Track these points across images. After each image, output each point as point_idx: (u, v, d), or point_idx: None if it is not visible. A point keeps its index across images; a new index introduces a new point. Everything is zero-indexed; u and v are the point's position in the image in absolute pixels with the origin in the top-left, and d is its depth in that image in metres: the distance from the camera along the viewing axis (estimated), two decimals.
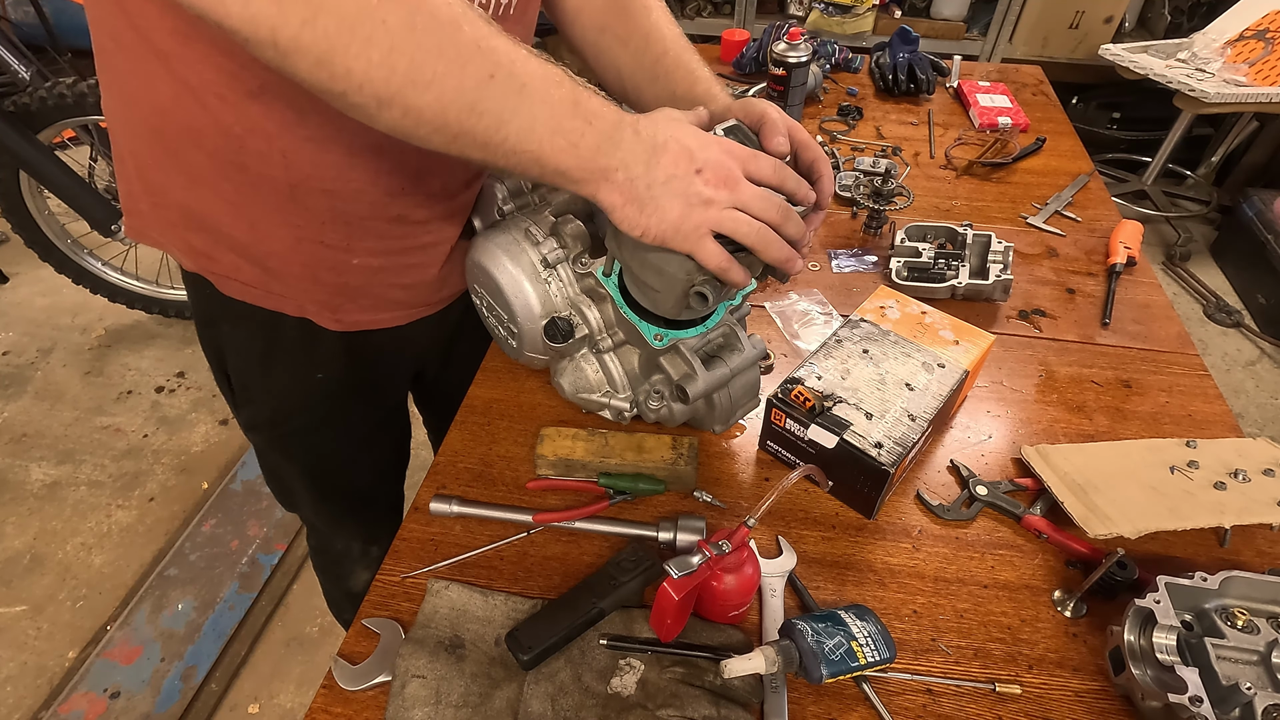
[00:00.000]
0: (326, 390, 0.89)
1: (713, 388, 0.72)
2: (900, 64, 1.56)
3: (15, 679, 1.59)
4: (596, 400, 0.79)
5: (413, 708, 0.59)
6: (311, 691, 1.09)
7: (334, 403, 0.91)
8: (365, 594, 0.69)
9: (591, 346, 0.78)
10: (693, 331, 0.73)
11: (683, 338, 0.72)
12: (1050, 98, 1.60)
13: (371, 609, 0.68)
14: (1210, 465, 0.77)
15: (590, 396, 0.79)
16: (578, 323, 0.76)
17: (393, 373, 0.97)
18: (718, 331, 0.75)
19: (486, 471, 0.80)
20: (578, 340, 0.76)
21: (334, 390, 0.89)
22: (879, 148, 1.39)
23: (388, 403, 1.01)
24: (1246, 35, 2.50)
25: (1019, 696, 0.63)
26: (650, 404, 0.75)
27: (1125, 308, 1.04)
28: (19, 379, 2.27)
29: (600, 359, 0.78)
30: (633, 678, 0.62)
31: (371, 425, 1.00)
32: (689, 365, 0.71)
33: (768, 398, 0.77)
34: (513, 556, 0.73)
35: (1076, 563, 0.73)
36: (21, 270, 2.62)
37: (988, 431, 0.86)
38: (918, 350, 0.81)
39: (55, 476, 2.00)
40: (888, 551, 0.73)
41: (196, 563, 1.76)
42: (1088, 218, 1.22)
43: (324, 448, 0.96)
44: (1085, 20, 2.89)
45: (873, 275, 1.09)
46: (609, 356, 0.78)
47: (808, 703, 0.62)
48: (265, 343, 0.83)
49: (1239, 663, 0.59)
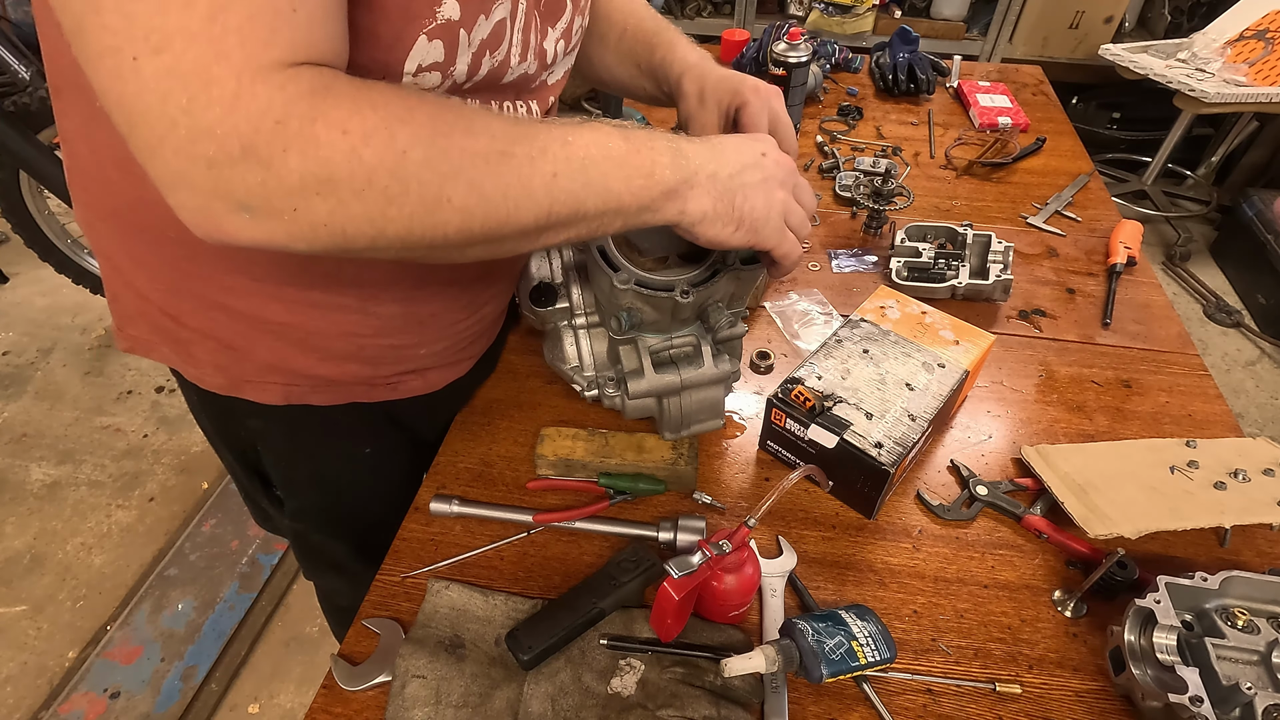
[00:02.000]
0: (377, 461, 0.84)
1: (657, 391, 0.74)
2: (900, 64, 1.56)
3: (15, 679, 1.59)
4: (566, 371, 0.83)
5: (413, 708, 0.59)
6: (311, 691, 1.09)
7: (384, 469, 0.85)
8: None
9: (570, 320, 0.81)
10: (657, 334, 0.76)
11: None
12: (1050, 98, 1.59)
13: (371, 609, 0.68)
14: (1210, 465, 0.77)
15: (562, 366, 0.83)
16: (562, 294, 0.80)
17: (435, 419, 0.88)
18: (684, 341, 0.76)
19: (487, 471, 0.80)
20: (557, 310, 0.80)
21: (384, 457, 0.85)
22: (879, 148, 1.39)
23: (431, 444, 0.89)
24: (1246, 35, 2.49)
25: (1019, 696, 0.63)
26: (607, 390, 0.79)
27: (1125, 308, 1.04)
28: (19, 379, 2.27)
29: (575, 334, 0.82)
30: (633, 678, 0.62)
31: (415, 472, 0.87)
32: (639, 362, 0.74)
33: (768, 398, 0.77)
34: (513, 556, 0.73)
35: (1077, 563, 0.73)
36: (21, 270, 2.62)
37: (988, 431, 0.86)
38: (918, 350, 0.81)
39: (55, 476, 1.99)
40: (888, 551, 0.73)
41: (196, 563, 1.76)
42: (1088, 218, 1.22)
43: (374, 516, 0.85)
44: (1085, 20, 2.89)
45: (873, 275, 1.08)
46: (583, 334, 0.82)
47: (808, 703, 0.62)
48: (310, 432, 0.78)
49: (1239, 663, 0.59)
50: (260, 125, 0.40)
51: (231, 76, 0.39)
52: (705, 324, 0.75)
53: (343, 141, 0.42)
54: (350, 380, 0.74)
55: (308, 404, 0.73)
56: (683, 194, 0.58)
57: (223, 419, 0.80)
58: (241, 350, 0.68)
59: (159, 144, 0.41)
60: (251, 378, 0.70)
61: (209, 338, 0.68)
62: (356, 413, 0.76)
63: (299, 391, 0.72)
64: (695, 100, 0.76)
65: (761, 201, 0.61)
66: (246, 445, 0.82)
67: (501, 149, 0.49)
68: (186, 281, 0.64)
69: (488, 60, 0.57)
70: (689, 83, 0.77)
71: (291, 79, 0.41)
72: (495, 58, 0.57)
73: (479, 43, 0.55)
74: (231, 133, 0.40)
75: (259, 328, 0.66)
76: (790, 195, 0.64)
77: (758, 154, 0.62)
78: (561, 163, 0.52)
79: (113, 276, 0.70)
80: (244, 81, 0.40)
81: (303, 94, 0.41)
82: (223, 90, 0.39)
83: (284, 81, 0.41)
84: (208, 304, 0.65)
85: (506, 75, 0.60)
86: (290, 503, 0.87)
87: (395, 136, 0.44)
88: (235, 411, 0.74)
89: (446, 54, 0.53)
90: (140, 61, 0.38)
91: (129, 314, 0.71)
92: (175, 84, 0.39)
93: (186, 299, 0.66)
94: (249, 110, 0.40)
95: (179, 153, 0.41)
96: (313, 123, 0.42)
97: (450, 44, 0.53)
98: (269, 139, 0.41)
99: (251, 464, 0.85)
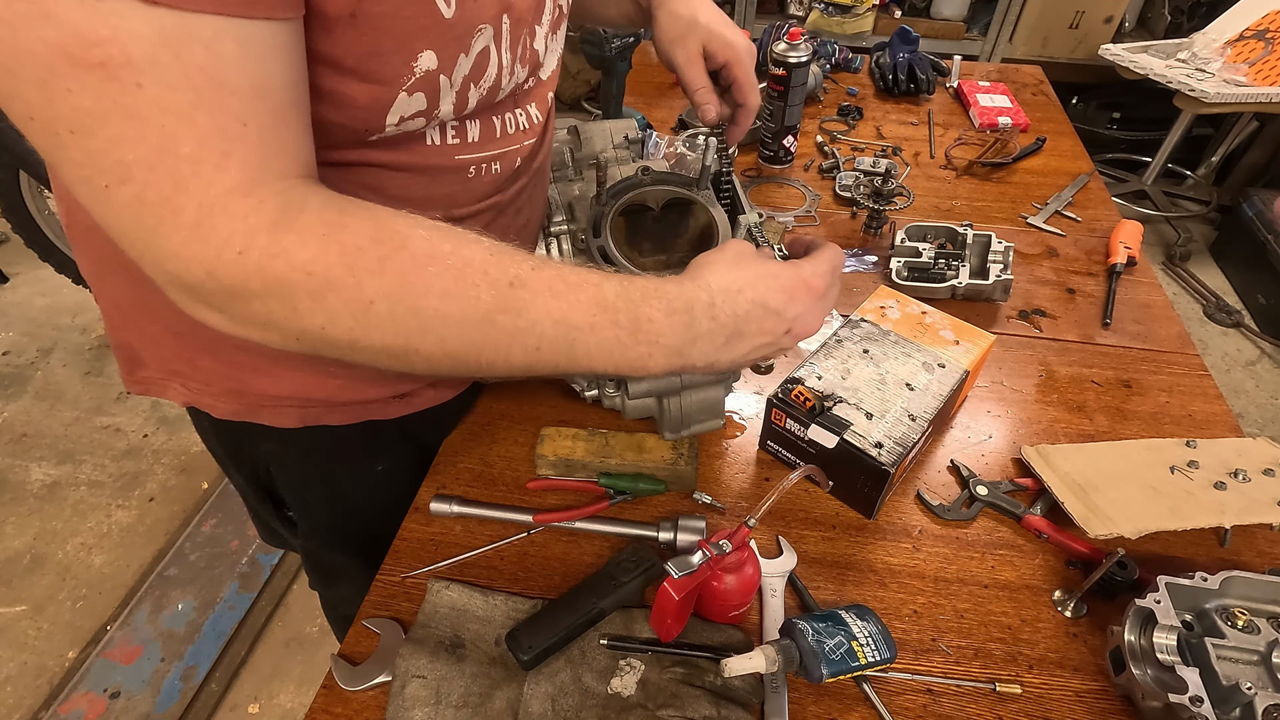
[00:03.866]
0: (389, 477, 0.83)
1: (657, 391, 0.74)
2: (900, 64, 1.56)
3: (15, 679, 1.59)
4: None
5: (413, 708, 0.59)
6: (311, 691, 1.09)
7: (396, 483, 0.84)
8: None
9: None
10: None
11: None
12: (1050, 98, 1.59)
13: (371, 609, 0.68)
14: (1210, 465, 0.77)
15: None
16: None
17: (443, 429, 0.87)
18: None
19: (487, 471, 0.80)
20: None
21: (396, 472, 0.83)
22: (879, 148, 1.39)
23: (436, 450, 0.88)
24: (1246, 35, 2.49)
25: (1019, 696, 0.63)
26: (607, 390, 0.77)
27: (1125, 308, 1.04)
28: (19, 379, 2.27)
29: None
30: (633, 678, 0.62)
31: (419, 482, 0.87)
32: None
33: (768, 398, 0.77)
34: (513, 556, 0.73)
35: (1077, 563, 0.73)
36: (21, 270, 2.62)
37: (988, 431, 0.86)
38: (918, 350, 0.81)
39: (55, 476, 1.99)
40: (888, 551, 0.73)
41: (196, 563, 1.76)
42: (1088, 218, 1.22)
43: (385, 528, 0.84)
44: (1085, 20, 2.89)
45: (873, 275, 1.08)
46: None
47: (808, 703, 0.62)
48: (324, 452, 0.78)
49: (1239, 663, 0.59)
50: (222, 254, 0.41)
51: (192, 205, 0.40)
52: None
53: (306, 282, 0.43)
54: (368, 399, 0.73)
55: (323, 424, 0.72)
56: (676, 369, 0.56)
57: (235, 443, 0.79)
58: (258, 381, 0.68)
59: (140, 258, 0.43)
60: (267, 404, 0.70)
61: (225, 374, 0.68)
62: (371, 430, 0.75)
63: (315, 413, 0.71)
64: (683, 24, 0.76)
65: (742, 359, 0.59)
66: (259, 467, 0.82)
67: (482, 317, 0.48)
68: (205, 328, 0.64)
69: (474, 92, 0.56)
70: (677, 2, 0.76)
71: (254, 209, 0.41)
72: (482, 88, 0.56)
73: (461, 80, 0.54)
74: (195, 260, 0.41)
75: (280, 363, 0.66)
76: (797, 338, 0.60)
77: (780, 332, 0.58)
78: (548, 340, 0.50)
79: (121, 325, 0.69)
80: (204, 210, 0.40)
81: (265, 226, 0.42)
82: (185, 218, 0.40)
83: (246, 212, 0.41)
84: (224, 342, 0.64)
85: (499, 95, 0.59)
86: (303, 523, 0.87)
87: (361, 287, 0.44)
88: (248, 435, 0.74)
89: (429, 102, 0.52)
90: (111, 190, 0.40)
91: (138, 359, 0.71)
92: (143, 210, 0.40)
93: (201, 339, 0.65)
94: (210, 239, 0.41)
95: (157, 268, 0.43)
96: (274, 259, 0.42)
97: (431, 92, 0.52)
98: (230, 269, 0.42)
99: (264, 486, 0.85)
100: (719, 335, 0.55)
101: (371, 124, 0.51)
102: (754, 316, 0.56)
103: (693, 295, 0.55)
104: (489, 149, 0.62)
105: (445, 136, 0.58)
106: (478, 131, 0.60)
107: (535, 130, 0.67)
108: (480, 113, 0.59)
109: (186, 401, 0.71)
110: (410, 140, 0.56)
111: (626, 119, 0.91)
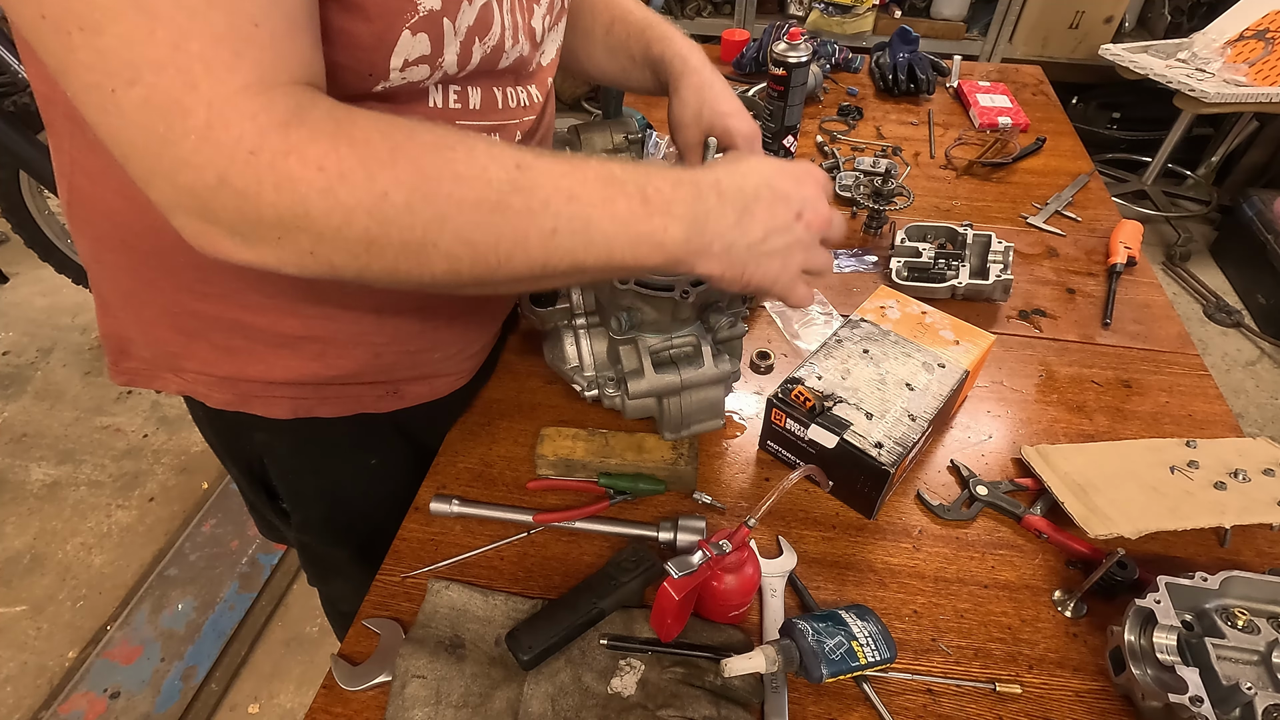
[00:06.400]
0: (383, 472, 0.84)
1: (657, 391, 0.74)
2: (900, 64, 1.56)
3: (15, 679, 1.59)
4: (566, 371, 0.83)
5: (413, 708, 0.59)
6: (311, 691, 1.09)
7: (390, 478, 0.84)
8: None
9: (570, 320, 0.81)
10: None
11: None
12: (1050, 98, 1.59)
13: (371, 609, 0.68)
14: (1210, 465, 0.77)
15: (562, 366, 0.83)
16: (562, 294, 0.80)
17: (438, 425, 0.87)
18: (684, 341, 0.76)
19: (486, 471, 0.80)
20: (557, 310, 0.80)
21: (390, 467, 0.84)
22: (879, 148, 1.39)
23: (435, 450, 0.88)
24: (1246, 35, 2.49)
25: (1019, 696, 0.63)
26: (607, 390, 0.79)
27: (1125, 308, 1.04)
28: (19, 379, 2.27)
29: (575, 334, 0.81)
30: (633, 678, 0.62)
31: (420, 479, 0.86)
32: (639, 362, 0.74)
33: (768, 398, 0.77)
34: (513, 556, 0.73)
35: (1077, 563, 0.73)
36: (21, 270, 2.62)
37: (988, 431, 0.86)
38: (918, 350, 0.81)
39: (55, 476, 1.99)
40: (888, 551, 0.73)
41: (196, 563, 1.76)
42: (1088, 218, 1.22)
43: (380, 524, 0.84)
44: (1085, 20, 2.89)
45: (873, 275, 1.08)
46: (583, 334, 0.81)
47: (808, 703, 0.62)
48: (317, 444, 0.78)
49: (1239, 663, 0.59)
50: (234, 155, 0.40)
51: (202, 105, 0.39)
52: (705, 324, 0.75)
53: (318, 179, 0.42)
54: (360, 389, 0.73)
55: (315, 416, 0.72)
56: (691, 261, 0.55)
57: (228, 433, 0.79)
58: (250, 367, 0.68)
59: (150, 174, 0.42)
60: (259, 393, 0.70)
61: (219, 360, 0.68)
62: (363, 423, 0.76)
63: (307, 404, 0.71)
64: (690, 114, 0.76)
65: (777, 267, 0.58)
66: (253, 459, 0.82)
67: (496, 199, 0.47)
68: (200, 303, 0.63)
69: (478, 48, 0.56)
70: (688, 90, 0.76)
71: (265, 107, 0.41)
72: (486, 44, 0.56)
73: (466, 30, 0.54)
74: (207, 164, 0.40)
75: (273, 342, 0.66)
76: (813, 253, 0.60)
77: (791, 217, 0.57)
78: (564, 220, 0.49)
79: (117, 310, 0.69)
80: (215, 110, 0.40)
81: (276, 124, 0.41)
82: (195, 120, 0.39)
83: (256, 110, 0.41)
84: (220, 324, 0.65)
85: (502, 60, 0.59)
86: (297, 515, 0.87)
87: (374, 178, 0.44)
88: (241, 425, 0.74)
89: (433, 46, 0.52)
90: (119, 94, 0.39)
91: (126, 350, 0.70)
92: (153, 115, 0.39)
93: (198, 321, 0.65)
94: (221, 140, 0.40)
95: (167, 181, 0.41)
96: (286, 156, 0.41)
97: (435, 36, 0.52)
98: (243, 170, 0.41)
99: (258, 477, 0.85)
100: (728, 211, 0.55)
101: (376, 66, 0.51)
102: (762, 197, 0.56)
103: (697, 174, 0.55)
104: (489, 119, 0.62)
105: (448, 99, 0.58)
106: (479, 99, 0.60)
107: (535, 109, 0.67)
108: (482, 78, 0.60)
109: (179, 390, 0.71)
110: (413, 98, 0.56)
111: (626, 119, 0.91)
